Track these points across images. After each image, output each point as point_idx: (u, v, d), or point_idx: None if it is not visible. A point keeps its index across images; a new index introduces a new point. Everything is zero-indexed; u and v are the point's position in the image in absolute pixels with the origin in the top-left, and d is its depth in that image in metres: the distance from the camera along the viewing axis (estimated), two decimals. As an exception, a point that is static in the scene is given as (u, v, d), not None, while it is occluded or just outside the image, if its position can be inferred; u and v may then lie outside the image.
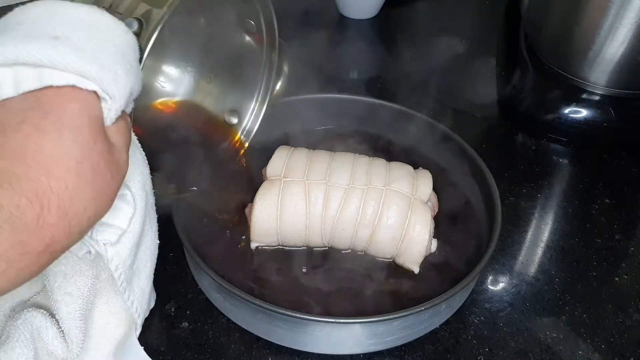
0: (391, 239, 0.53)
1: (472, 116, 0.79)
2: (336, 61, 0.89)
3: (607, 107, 0.72)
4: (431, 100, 0.79)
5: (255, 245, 0.56)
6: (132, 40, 0.34)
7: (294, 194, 0.54)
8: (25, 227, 0.26)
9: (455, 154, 0.63)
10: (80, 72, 0.30)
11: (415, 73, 0.84)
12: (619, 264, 0.60)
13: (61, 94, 0.29)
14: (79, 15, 0.32)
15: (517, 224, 0.63)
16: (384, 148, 0.65)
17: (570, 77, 0.73)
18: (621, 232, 0.63)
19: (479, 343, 0.51)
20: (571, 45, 0.71)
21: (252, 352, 0.50)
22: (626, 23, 0.64)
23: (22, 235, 0.26)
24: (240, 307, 0.49)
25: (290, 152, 0.58)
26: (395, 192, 0.54)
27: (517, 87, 0.78)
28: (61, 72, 0.29)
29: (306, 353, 0.50)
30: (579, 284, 0.57)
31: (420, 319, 0.49)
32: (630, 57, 0.66)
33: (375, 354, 0.50)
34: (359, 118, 0.68)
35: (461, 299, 0.53)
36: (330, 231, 0.54)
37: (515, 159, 0.72)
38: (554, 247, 0.61)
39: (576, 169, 0.71)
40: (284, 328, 0.48)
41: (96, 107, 0.31)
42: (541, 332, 0.52)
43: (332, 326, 0.47)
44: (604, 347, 0.52)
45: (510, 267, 0.59)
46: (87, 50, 0.30)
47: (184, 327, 0.51)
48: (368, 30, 0.96)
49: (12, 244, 0.26)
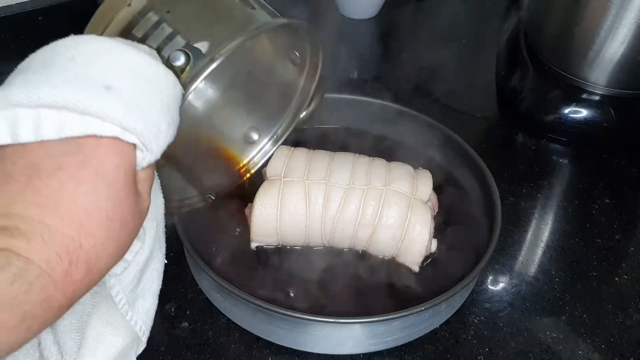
0: (391, 239, 0.53)
1: (472, 116, 0.79)
2: (336, 61, 0.89)
3: (607, 107, 0.72)
4: (431, 100, 0.79)
5: (255, 245, 0.56)
6: (179, 93, 0.34)
7: (294, 194, 0.54)
8: (53, 283, 0.26)
9: (455, 154, 0.63)
10: (126, 127, 0.29)
11: (415, 73, 0.84)
12: (619, 264, 0.60)
13: (102, 143, 0.28)
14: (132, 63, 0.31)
15: (517, 224, 0.63)
16: (384, 148, 0.65)
17: (570, 77, 0.73)
18: (621, 232, 0.63)
19: (479, 343, 0.51)
20: (571, 45, 0.71)
21: (252, 352, 0.50)
22: (626, 23, 0.64)
23: (49, 292, 0.26)
24: (240, 307, 0.49)
25: (290, 152, 0.58)
26: (395, 192, 0.54)
27: (517, 87, 0.78)
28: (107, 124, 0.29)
29: (306, 353, 0.50)
30: (579, 284, 0.57)
31: (420, 319, 0.49)
32: (630, 57, 0.66)
33: (375, 354, 0.50)
34: (359, 118, 0.68)
35: (461, 299, 0.53)
36: (330, 231, 0.54)
37: (515, 159, 0.72)
38: (554, 247, 0.61)
39: (576, 169, 0.71)
40: (284, 328, 0.48)
41: (133, 158, 0.30)
42: (541, 332, 0.52)
43: (332, 326, 0.47)
44: (604, 347, 0.52)
45: (510, 267, 0.59)
46: (136, 105, 0.30)
47: (184, 327, 0.51)
48: (368, 30, 0.96)
49: (40, 301, 0.26)
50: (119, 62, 0.30)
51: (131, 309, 0.39)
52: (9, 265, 0.25)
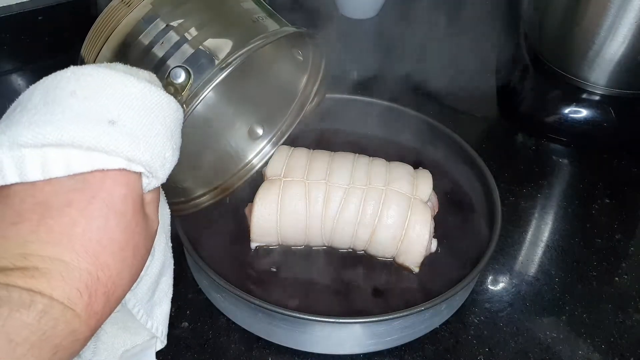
0: (391, 239, 0.53)
1: (472, 116, 0.79)
2: (336, 61, 0.89)
3: (607, 107, 0.72)
4: (431, 100, 0.79)
5: (255, 245, 0.56)
6: (181, 117, 0.34)
7: (294, 193, 0.54)
8: (77, 317, 0.27)
9: (455, 154, 0.63)
10: (132, 159, 0.29)
11: (416, 73, 0.84)
12: (619, 264, 0.60)
13: (109, 176, 0.29)
14: (134, 93, 0.31)
15: (517, 224, 0.63)
16: (384, 148, 0.65)
17: (570, 77, 0.73)
18: (621, 232, 0.63)
19: (479, 343, 0.51)
20: (571, 45, 0.71)
21: (252, 352, 0.50)
22: (626, 23, 0.64)
23: (74, 325, 0.27)
24: (240, 307, 0.49)
25: (290, 152, 0.58)
26: (395, 192, 0.54)
27: (517, 87, 0.78)
28: (113, 157, 0.29)
29: (306, 353, 0.50)
30: (579, 284, 0.57)
31: (420, 319, 0.49)
32: (630, 57, 0.66)
33: (375, 354, 0.50)
34: (359, 118, 0.68)
35: (461, 299, 0.53)
36: (330, 231, 0.54)
37: (515, 159, 0.72)
38: (554, 247, 0.61)
39: (576, 169, 0.71)
40: (284, 328, 0.48)
41: (139, 186, 0.31)
42: (541, 332, 0.52)
43: (332, 326, 0.47)
44: (604, 347, 0.52)
45: (510, 267, 0.59)
46: (141, 136, 0.30)
47: (184, 327, 0.51)
48: (368, 30, 0.96)
49: (66, 334, 0.26)
50: (120, 94, 0.30)
51: (150, 318, 0.39)
52: (35, 304, 0.26)
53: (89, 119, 0.29)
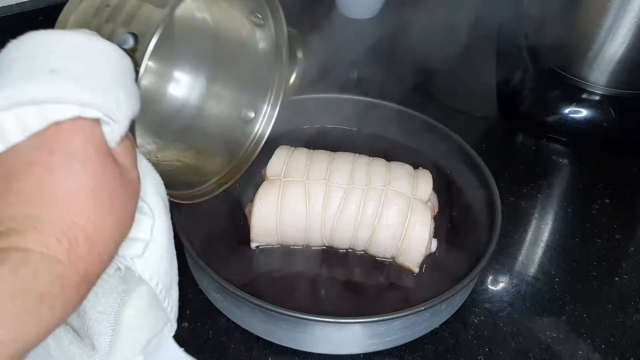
0: (391, 239, 0.53)
1: (472, 116, 0.79)
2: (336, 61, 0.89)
3: (607, 107, 0.72)
4: (431, 100, 0.79)
5: (255, 245, 0.56)
6: (128, 63, 0.34)
7: (294, 193, 0.54)
8: (60, 263, 0.27)
9: (455, 153, 0.63)
10: (83, 102, 0.29)
11: (415, 73, 0.84)
12: (619, 264, 0.60)
13: (63, 128, 0.29)
14: (74, 44, 0.31)
15: (517, 224, 0.63)
16: (384, 148, 0.65)
17: (570, 77, 0.73)
18: (621, 232, 0.63)
19: (479, 343, 0.51)
20: (571, 45, 0.71)
21: (252, 352, 0.50)
22: (626, 23, 0.64)
23: (59, 270, 0.27)
24: (240, 307, 0.49)
25: (290, 152, 0.58)
26: (395, 192, 0.54)
27: (517, 87, 0.78)
28: (64, 105, 0.29)
29: (306, 353, 0.50)
30: (579, 284, 0.57)
31: (420, 319, 0.49)
32: (630, 57, 0.66)
33: (375, 354, 0.50)
34: (359, 118, 0.68)
35: (461, 299, 0.53)
36: (330, 231, 0.54)
37: (515, 159, 0.72)
38: (554, 247, 0.61)
39: (576, 169, 0.71)
40: (284, 328, 0.48)
41: (99, 133, 0.31)
42: (541, 332, 0.52)
43: (332, 326, 0.47)
44: (604, 347, 0.52)
45: (510, 267, 0.59)
46: (87, 78, 0.30)
47: (184, 327, 0.51)
48: (368, 30, 0.96)
49: (51, 280, 0.27)
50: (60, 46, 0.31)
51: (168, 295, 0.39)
52: (9, 259, 0.26)
53: (32, 75, 0.29)
